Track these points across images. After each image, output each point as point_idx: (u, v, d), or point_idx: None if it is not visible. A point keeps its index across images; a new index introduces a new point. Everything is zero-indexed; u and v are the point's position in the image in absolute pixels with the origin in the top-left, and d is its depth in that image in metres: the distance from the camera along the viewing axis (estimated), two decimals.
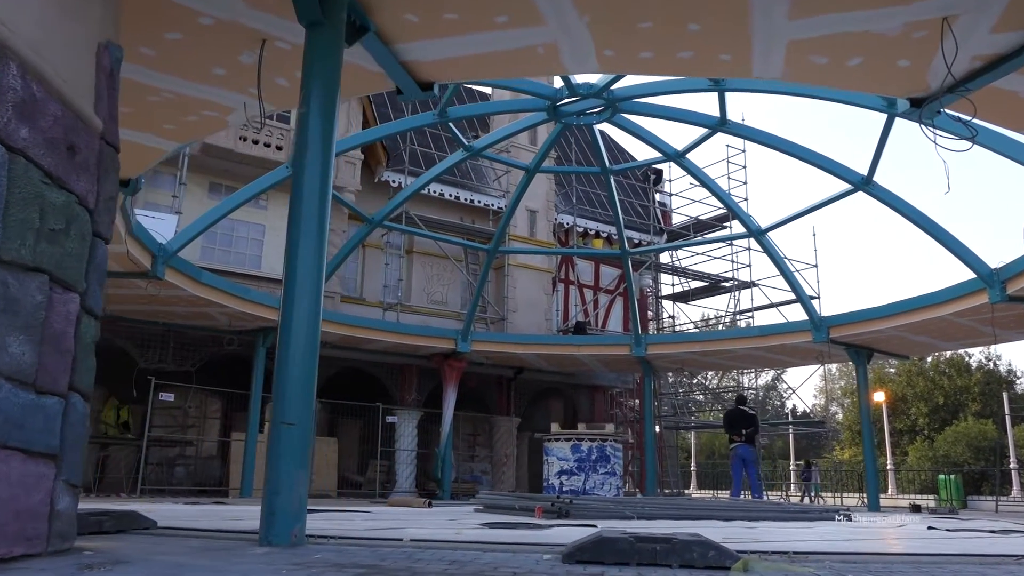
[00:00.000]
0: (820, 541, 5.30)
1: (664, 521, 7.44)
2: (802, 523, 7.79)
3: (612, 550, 3.58)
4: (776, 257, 15.02)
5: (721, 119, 12.22)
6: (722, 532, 6.00)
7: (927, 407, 33.43)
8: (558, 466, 11.86)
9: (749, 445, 12.63)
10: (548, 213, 20.83)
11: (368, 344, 16.95)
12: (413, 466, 18.02)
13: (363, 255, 18.81)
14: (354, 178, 17.25)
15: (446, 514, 8.28)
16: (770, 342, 16.02)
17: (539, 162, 14.02)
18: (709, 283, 24.10)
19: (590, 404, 21.49)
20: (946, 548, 4.73)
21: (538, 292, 20.21)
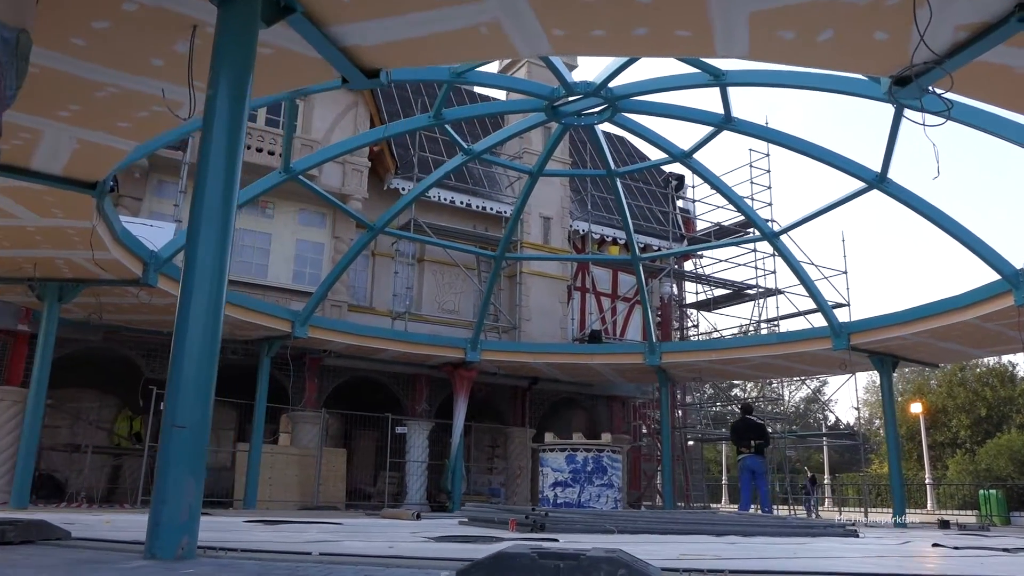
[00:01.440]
0: (789, 559, 4.82)
1: (645, 536, 6.99)
2: (797, 539, 7.26)
3: (511, 567, 3.18)
4: (792, 261, 14.43)
5: (726, 116, 11.75)
6: (693, 547, 5.55)
7: (969, 419, 32.12)
8: (552, 477, 11.41)
9: (758, 456, 12.03)
10: (563, 220, 20.43)
11: (376, 353, 16.71)
12: (424, 477, 17.68)
13: (373, 264, 18.62)
14: (361, 185, 17.08)
15: (423, 527, 7.92)
16: (789, 350, 15.40)
17: (542, 165, 13.67)
18: (733, 291, 23.43)
19: (609, 415, 20.97)
20: (919, 569, 4.24)
21: (552, 300, 19.80)
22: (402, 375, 18.18)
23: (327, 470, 16.55)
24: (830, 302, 18.52)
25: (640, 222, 22.50)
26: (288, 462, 16.05)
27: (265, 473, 15.48)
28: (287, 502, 15.44)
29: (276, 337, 14.97)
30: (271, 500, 15.36)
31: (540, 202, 20.19)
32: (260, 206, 16.53)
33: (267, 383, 15.25)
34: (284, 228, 16.70)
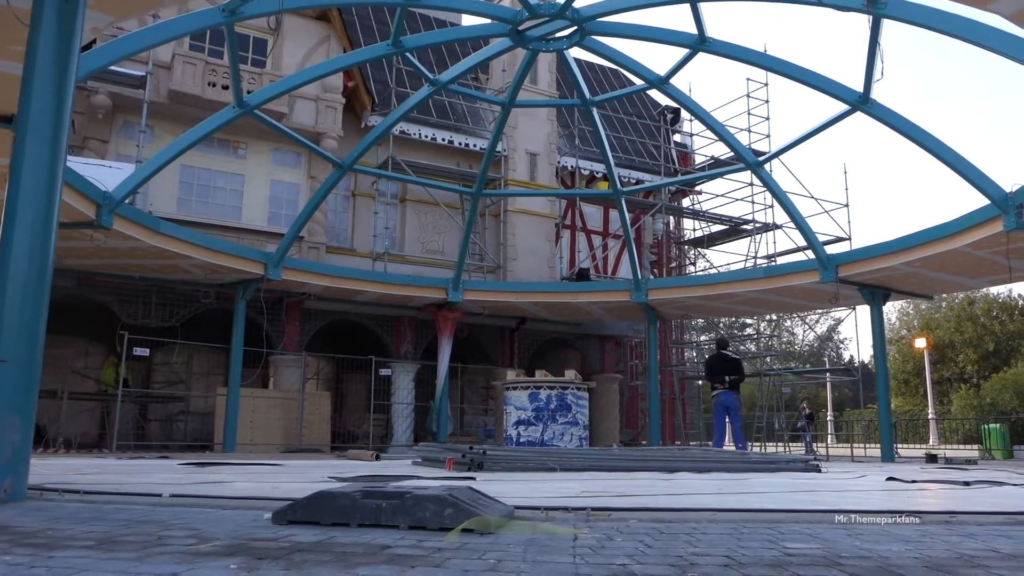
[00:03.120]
0: (704, 495, 4.49)
1: (588, 473, 6.70)
2: (750, 474, 6.94)
3: (331, 508, 2.86)
4: (777, 191, 13.87)
5: (700, 36, 11.08)
6: (612, 484, 5.23)
7: (976, 354, 31.60)
8: (515, 416, 11.15)
9: (732, 392, 11.69)
10: (550, 156, 19.83)
11: (356, 295, 16.43)
12: (411, 419, 17.57)
13: (354, 204, 18.20)
14: (335, 123, 16.55)
15: (357, 467, 7.67)
16: (776, 283, 14.94)
17: (514, 95, 13.09)
18: (730, 227, 22.82)
19: (601, 354, 20.69)
20: (821, 504, 3.88)
21: (540, 239, 19.34)
22: (386, 317, 17.92)
23: (311, 413, 16.45)
24: (831, 236, 17.98)
25: (633, 157, 21.86)
26: (270, 405, 15.95)
27: (247, 417, 15.38)
28: (270, 445, 15.37)
29: (250, 280, 14.68)
30: (253, 443, 15.30)
31: (526, 138, 19.59)
32: (232, 147, 16.09)
33: (243, 327, 15.05)
34: (258, 169, 16.27)
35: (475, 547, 2.42)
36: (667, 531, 2.84)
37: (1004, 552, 2.52)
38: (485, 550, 2.36)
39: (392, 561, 2.16)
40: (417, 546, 2.41)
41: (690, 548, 2.47)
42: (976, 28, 7.83)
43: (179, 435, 18.15)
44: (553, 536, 2.67)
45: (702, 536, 2.73)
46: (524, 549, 2.38)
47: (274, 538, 2.54)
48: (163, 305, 15.91)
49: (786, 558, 2.34)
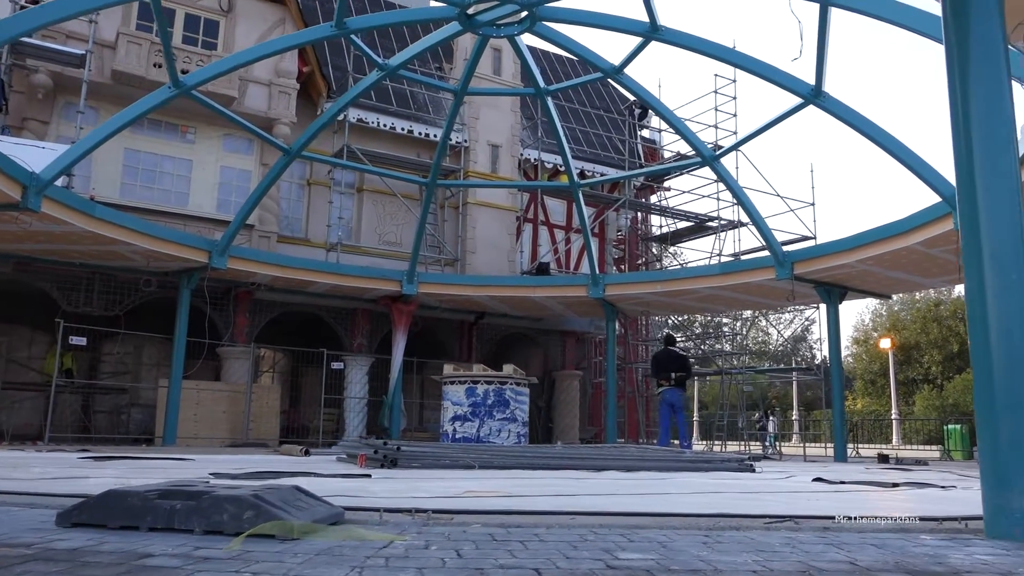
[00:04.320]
0: (598, 496, 4.21)
1: (508, 472, 6.41)
2: (680, 474, 6.69)
3: (120, 509, 2.53)
4: (733, 185, 13.66)
5: (652, 25, 10.81)
6: (513, 483, 4.94)
7: (941, 355, 31.76)
8: (452, 411, 10.83)
9: (678, 389, 11.46)
10: (512, 148, 19.52)
11: (308, 286, 16.02)
12: (364, 414, 17.22)
13: (308, 193, 17.79)
14: (289, 109, 16.12)
15: (263, 463, 7.33)
16: (734, 280, 14.74)
17: (466, 82, 12.75)
18: (695, 223, 22.64)
19: (561, 351, 20.43)
20: (716, 507, 3.61)
21: (500, 232, 19.03)
22: (341, 310, 17.53)
23: (259, 406, 16.03)
24: (796, 235, 17.81)
25: (598, 151, 21.60)
26: (216, 398, 15.52)
27: (191, 410, 14.96)
28: (214, 439, 14.95)
29: (194, 269, 14.25)
30: (197, 437, 14.87)
31: (488, 129, 19.27)
32: (180, 131, 15.62)
33: (187, 317, 14.61)
34: (207, 154, 15.81)
35: (251, 557, 2.11)
36: (502, 537, 2.54)
37: (861, 565, 2.25)
38: (258, 560, 2.05)
39: (132, 574, 1.85)
40: (187, 555, 2.10)
41: (506, 559, 2.18)
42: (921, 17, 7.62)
43: (125, 428, 17.68)
44: (361, 543, 2.36)
45: (536, 544, 2.44)
46: (305, 560, 2.08)
47: (30, 543, 2.21)
48: (106, 293, 15.42)
49: (607, 571, 2.05)
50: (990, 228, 3.06)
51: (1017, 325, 2.97)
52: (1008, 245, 3.03)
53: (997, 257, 3.03)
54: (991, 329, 3.00)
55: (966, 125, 3.18)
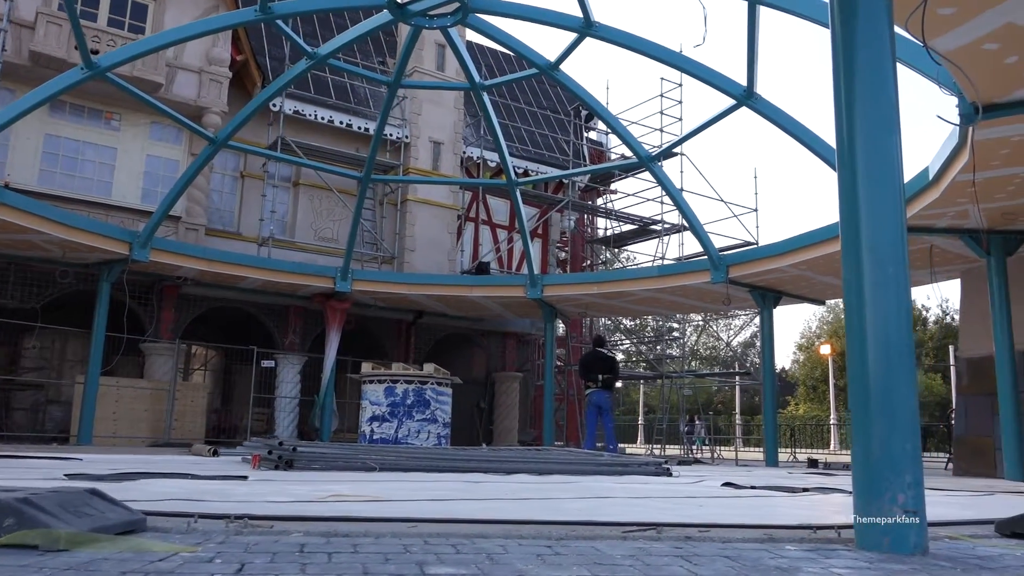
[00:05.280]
0: (480, 500, 3.95)
1: (411, 474, 6.12)
2: (591, 477, 6.47)
3: None
4: (669, 187, 13.57)
5: (586, 21, 10.63)
6: (403, 488, 4.66)
7: None
8: (370, 411, 10.49)
9: (606, 391, 11.29)
10: (455, 146, 19.22)
11: (238, 282, 15.50)
12: (295, 413, 16.75)
13: (242, 186, 17.26)
14: (220, 97, 15.59)
15: (173, 464, 6.94)
16: (670, 283, 14.64)
17: (400, 74, 12.42)
18: (639, 226, 22.64)
19: (502, 352, 20.18)
20: (597, 515, 3.38)
21: (441, 230, 18.71)
22: (273, 306, 17.01)
23: (184, 405, 15.46)
24: (739, 240, 17.82)
25: (543, 151, 21.44)
26: (137, 396, 14.91)
27: (110, 408, 14.34)
28: (134, 439, 14.37)
29: (114, 261, 13.65)
30: (116, 436, 14.27)
31: (430, 126, 18.96)
32: (104, 117, 14.99)
33: (107, 311, 13.98)
34: (132, 142, 15.20)
35: None
36: (313, 548, 2.26)
37: None
38: None
39: None
40: None
41: (294, 574, 1.90)
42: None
43: (42, 426, 16.92)
44: (135, 555, 2.06)
45: (346, 556, 2.17)
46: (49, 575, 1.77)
47: None
48: (22, 285, 14.70)
49: None
50: (869, 218, 2.89)
51: (894, 322, 2.80)
52: (886, 236, 2.86)
53: (875, 250, 2.85)
54: (867, 325, 2.81)
55: (848, 108, 3.00)
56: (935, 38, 5.72)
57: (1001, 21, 5.48)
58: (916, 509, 2.63)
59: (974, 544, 2.94)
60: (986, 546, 2.93)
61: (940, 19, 5.46)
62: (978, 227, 9.95)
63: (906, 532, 2.60)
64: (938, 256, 11.57)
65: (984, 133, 7.24)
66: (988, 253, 10.20)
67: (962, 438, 12.26)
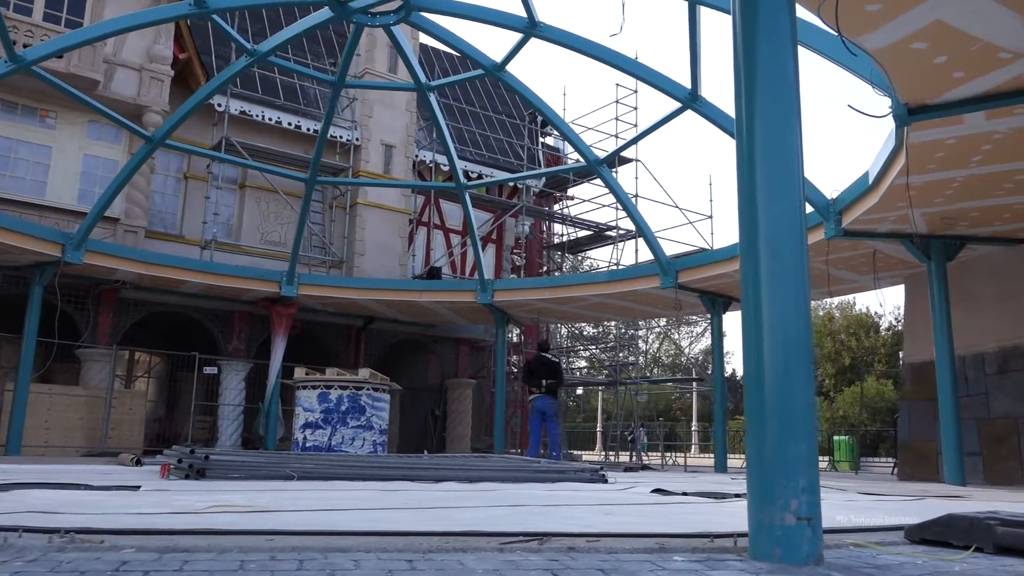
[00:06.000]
0: (383, 510, 3.72)
1: (331, 483, 5.85)
2: (521, 484, 6.27)
3: None
4: (619, 192, 13.48)
5: (530, 21, 10.48)
6: (305, 497, 4.40)
7: (834, 368, 32.67)
8: (304, 417, 10.18)
9: (550, 397, 11.11)
10: (407, 149, 18.96)
11: (179, 286, 15.04)
12: (239, 422, 16.31)
13: (185, 188, 16.80)
14: (161, 96, 15.15)
15: (84, 474, 6.58)
16: (621, 288, 14.55)
17: (343, 73, 12.15)
18: (594, 232, 22.57)
19: (455, 358, 19.92)
20: (501, 523, 3.17)
21: (392, 235, 18.42)
22: (217, 311, 16.55)
23: (122, 413, 14.94)
24: (695, 247, 17.79)
25: (497, 156, 21.28)
26: (72, 404, 14.36)
27: (41, 417, 13.80)
28: (67, 448, 13.83)
29: (47, 263, 13.13)
30: (48, 446, 13.73)
31: (382, 128, 18.68)
32: (39, 115, 14.47)
33: (38, 315, 13.43)
34: (69, 141, 14.69)
35: None
36: (132, 567, 2.01)
37: None
38: None
39: None
40: None
41: None
42: None
43: None
44: None
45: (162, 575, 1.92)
46: None
47: None
48: None
49: None
50: (767, 207, 2.73)
51: (792, 316, 2.64)
52: (784, 226, 2.70)
53: (771, 240, 2.70)
54: (764, 319, 2.65)
55: (749, 91, 2.84)
56: (863, 35, 5.65)
57: (929, 18, 5.42)
58: (810, 516, 2.46)
59: (878, 552, 2.79)
60: (891, 553, 2.78)
61: (868, 15, 5.38)
62: (919, 232, 9.97)
63: (799, 540, 2.43)
64: (882, 261, 11.61)
65: (919, 136, 7.21)
66: (929, 258, 10.24)
67: (906, 443, 12.31)
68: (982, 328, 10.82)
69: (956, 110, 6.62)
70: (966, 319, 10.73)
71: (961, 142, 7.36)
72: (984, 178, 8.25)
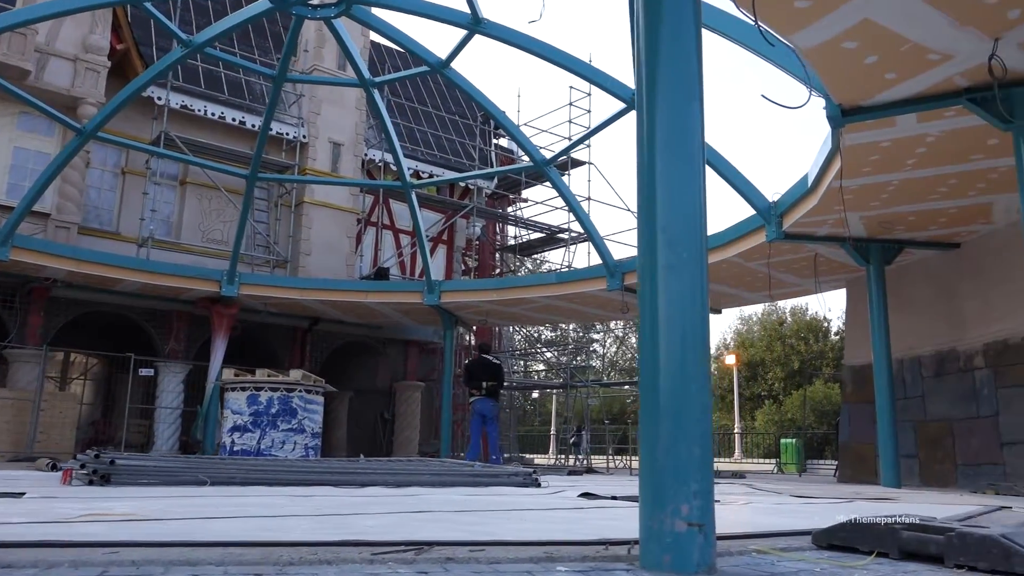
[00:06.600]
0: (278, 517, 3.50)
1: (252, 488, 5.60)
2: (452, 488, 6.08)
3: None
4: (565, 192, 13.39)
5: (474, 17, 10.32)
6: (197, 503, 4.16)
7: (783, 372, 33.10)
8: (232, 420, 9.86)
9: (491, 399, 10.94)
10: (356, 147, 18.65)
11: (114, 284, 14.53)
12: (177, 425, 15.82)
13: (123, 183, 16.26)
14: (97, 87, 14.64)
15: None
16: (569, 290, 14.45)
17: (283, 67, 11.84)
18: (547, 235, 22.51)
19: (403, 360, 19.63)
20: (360, 531, 2.97)
21: (339, 234, 18.07)
22: (155, 311, 16.04)
23: (52, 416, 14.34)
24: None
25: (449, 156, 21.06)
26: None
27: None
28: None
29: None
30: None
31: (330, 126, 18.34)
32: None
33: None
34: None
35: None
36: None
37: None
38: None
39: None
40: None
41: None
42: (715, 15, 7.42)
43: None
44: None
45: None
46: None
47: None
48: None
49: None
50: (665, 194, 2.59)
51: (689, 311, 2.50)
52: (682, 214, 2.56)
53: (668, 229, 2.55)
54: (659, 313, 2.51)
55: (651, 73, 2.70)
56: (794, 33, 5.59)
57: (858, 17, 5.37)
58: (702, 522, 2.32)
59: (778, 559, 2.66)
60: (792, 559, 2.66)
61: (797, 12, 5.32)
62: (857, 235, 10.03)
63: (689, 548, 2.29)
64: (824, 265, 11.68)
65: (853, 138, 7.20)
66: (868, 262, 10.30)
67: (847, 445, 12.40)
68: (919, 332, 10.93)
69: (888, 112, 6.61)
70: (904, 323, 10.83)
71: (895, 145, 7.37)
72: (919, 182, 8.30)
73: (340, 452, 18.72)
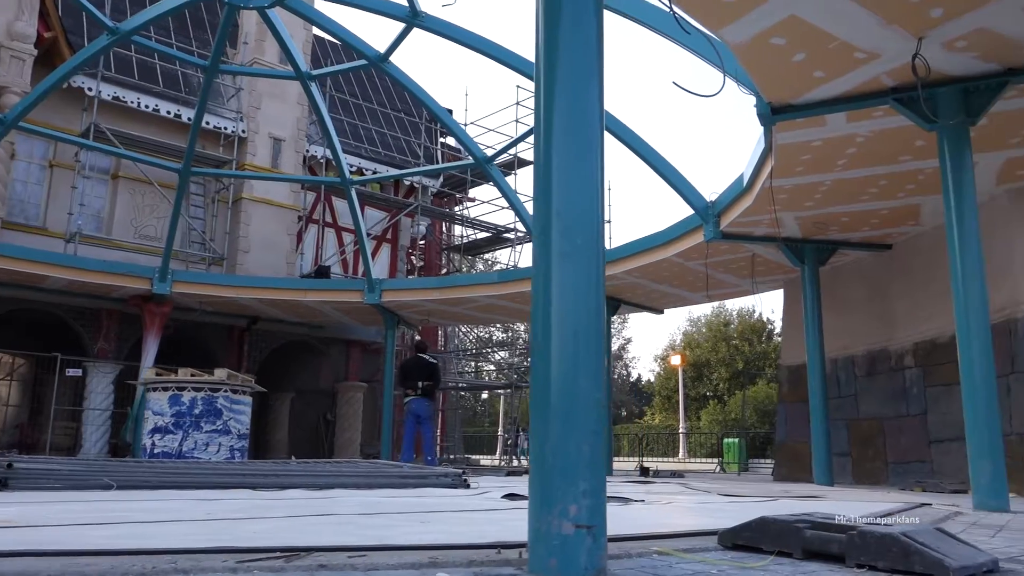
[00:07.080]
0: (161, 524, 3.29)
1: (159, 492, 5.32)
2: (379, 490, 5.89)
3: None
4: (506, 190, 13.27)
5: (412, 10, 10.14)
6: (78, 512, 3.91)
7: (728, 372, 33.53)
8: (153, 422, 9.53)
9: (426, 399, 10.76)
10: (297, 143, 18.27)
11: (39, 281, 13.96)
12: (107, 428, 15.27)
13: (51, 176, 15.65)
14: (22, 76, 14.04)
15: None
16: (509, 289, 14.31)
17: (215, 58, 11.49)
18: (493, 234, 22.40)
19: (345, 361, 19.30)
20: (244, 537, 2.79)
21: (279, 232, 17.67)
22: (84, 309, 15.46)
23: None
24: None
25: (394, 154, 20.79)
26: None
27: None
28: None
29: None
30: None
31: (271, 121, 17.94)
32: None
33: None
34: None
35: None
36: None
37: None
38: None
39: None
40: None
41: None
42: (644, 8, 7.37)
43: None
44: None
45: None
46: None
47: None
48: None
49: None
50: (561, 177, 2.46)
51: (583, 301, 2.37)
52: (577, 199, 2.44)
53: (563, 215, 2.43)
54: (552, 303, 2.38)
55: (550, 54, 2.57)
56: (723, 28, 5.55)
57: (785, 13, 5.35)
58: (592, 523, 2.19)
59: (678, 560, 2.56)
60: (692, 561, 2.55)
61: (725, 6, 5.28)
62: (792, 236, 10.11)
63: (577, 551, 2.16)
64: (762, 265, 11.77)
65: (785, 137, 7.22)
66: (803, 263, 10.39)
67: (783, 444, 12.52)
68: (853, 331, 11.09)
69: (818, 110, 6.63)
70: (838, 323, 10.97)
71: (826, 144, 7.41)
72: (851, 182, 8.38)
73: (280, 454, 18.32)
